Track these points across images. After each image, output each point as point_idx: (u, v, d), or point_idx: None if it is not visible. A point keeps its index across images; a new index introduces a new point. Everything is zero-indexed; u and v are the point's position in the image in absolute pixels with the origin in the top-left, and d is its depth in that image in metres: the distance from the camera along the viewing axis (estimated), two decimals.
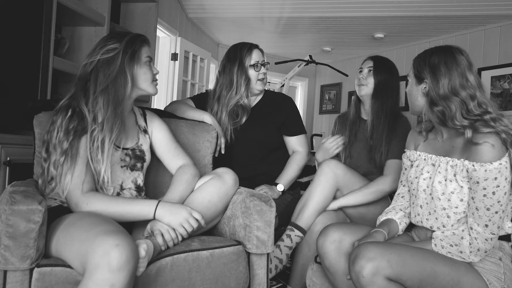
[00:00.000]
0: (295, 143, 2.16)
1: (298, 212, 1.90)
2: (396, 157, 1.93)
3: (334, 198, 1.93)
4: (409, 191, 1.57)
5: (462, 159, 1.32)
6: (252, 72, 2.07)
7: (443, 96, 1.34)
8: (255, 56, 2.09)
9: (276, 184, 2.05)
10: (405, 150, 1.61)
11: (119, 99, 1.45)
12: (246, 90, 2.07)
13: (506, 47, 3.88)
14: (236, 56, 2.09)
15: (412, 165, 1.53)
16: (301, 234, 1.87)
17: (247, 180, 1.89)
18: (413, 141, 1.58)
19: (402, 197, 1.59)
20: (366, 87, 2.05)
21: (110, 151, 1.40)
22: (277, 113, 2.13)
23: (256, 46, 2.13)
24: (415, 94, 1.44)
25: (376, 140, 2.00)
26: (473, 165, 1.28)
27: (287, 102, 2.19)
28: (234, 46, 2.14)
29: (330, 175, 1.88)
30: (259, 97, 2.19)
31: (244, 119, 2.09)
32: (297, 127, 2.18)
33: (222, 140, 1.95)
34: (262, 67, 2.10)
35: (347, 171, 1.90)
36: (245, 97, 2.08)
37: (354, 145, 2.12)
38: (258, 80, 2.09)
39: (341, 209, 1.94)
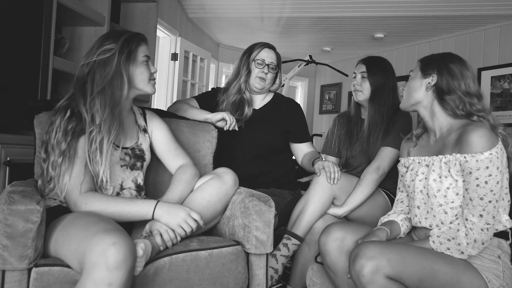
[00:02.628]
0: (306, 147, 2.16)
1: (295, 220, 1.90)
2: (388, 144, 1.96)
3: (333, 204, 1.93)
4: (407, 195, 1.59)
5: (454, 154, 1.37)
6: (253, 67, 2.08)
7: (457, 87, 1.42)
8: (263, 54, 2.08)
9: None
10: (399, 159, 1.64)
11: (116, 100, 1.44)
12: (246, 82, 2.08)
13: (506, 47, 3.88)
14: (249, 49, 2.12)
15: (407, 171, 1.56)
16: (298, 242, 1.87)
17: (247, 180, 1.89)
18: (406, 149, 1.63)
19: (401, 202, 1.62)
20: (362, 93, 2.05)
21: (109, 152, 1.40)
22: (285, 118, 2.13)
23: (271, 47, 2.13)
24: (417, 88, 1.48)
25: (373, 144, 2.01)
26: (464, 157, 1.33)
27: (297, 109, 2.20)
28: (254, 43, 2.16)
29: (326, 185, 1.86)
30: (268, 99, 2.18)
31: (248, 114, 2.09)
32: (306, 134, 2.20)
33: (228, 118, 1.91)
34: (266, 67, 2.08)
35: (343, 180, 1.88)
36: (245, 89, 2.08)
37: (356, 145, 2.12)
38: (257, 77, 2.07)
39: None
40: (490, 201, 1.31)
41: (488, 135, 1.31)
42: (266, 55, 2.09)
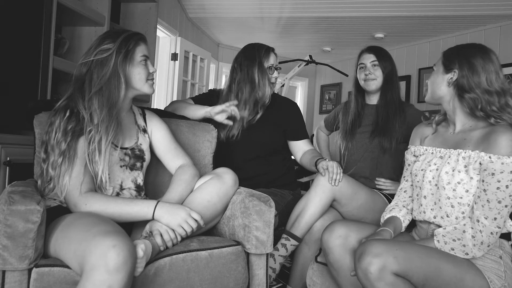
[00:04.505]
0: (305, 145, 2.17)
1: (294, 220, 1.90)
2: None
3: (332, 207, 1.93)
4: (411, 185, 1.58)
5: (477, 151, 1.35)
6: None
7: (477, 84, 1.38)
8: (271, 60, 2.11)
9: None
10: (409, 146, 1.63)
11: (114, 100, 1.44)
12: (270, 89, 2.09)
13: (506, 47, 3.88)
14: (254, 56, 2.09)
15: (416, 160, 1.55)
16: (296, 243, 1.87)
17: (247, 180, 1.89)
18: (419, 136, 1.61)
19: (404, 191, 1.61)
20: (376, 80, 2.09)
21: (107, 152, 1.40)
22: (283, 118, 2.14)
23: (273, 50, 2.14)
24: (439, 83, 1.47)
25: (387, 129, 2.03)
26: (489, 157, 1.31)
27: (294, 107, 2.22)
28: (251, 45, 2.15)
29: (327, 187, 1.86)
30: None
31: (258, 116, 2.09)
32: (304, 131, 2.20)
33: (229, 109, 1.91)
34: (275, 71, 2.12)
35: (344, 182, 1.88)
36: (268, 97, 2.09)
37: (358, 130, 2.14)
38: (269, 82, 2.09)
39: (339, 213, 1.95)
40: (506, 206, 1.30)
41: None
42: (274, 59, 2.12)
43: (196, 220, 1.37)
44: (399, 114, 2.05)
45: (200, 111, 1.97)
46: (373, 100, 2.16)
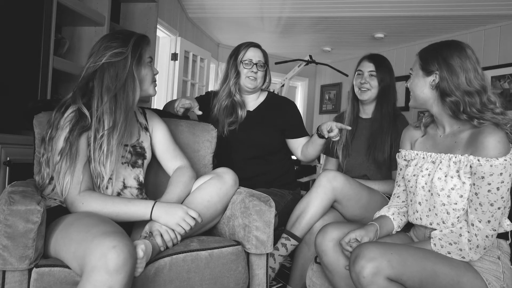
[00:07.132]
0: (304, 141, 2.16)
1: (295, 220, 1.89)
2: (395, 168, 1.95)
3: (332, 207, 1.93)
4: (404, 190, 1.57)
5: (466, 155, 1.32)
6: (241, 68, 2.09)
7: (457, 86, 1.34)
8: (249, 54, 2.09)
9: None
10: (399, 150, 1.60)
11: (130, 104, 1.44)
12: (236, 84, 2.09)
13: (506, 47, 3.88)
14: (235, 51, 2.14)
15: (407, 164, 1.53)
16: (296, 243, 1.87)
17: (246, 180, 1.89)
18: (408, 139, 1.58)
19: (397, 197, 1.60)
20: (370, 91, 2.06)
21: (119, 154, 1.40)
22: (280, 117, 2.14)
23: (256, 45, 2.14)
24: (421, 86, 1.42)
25: (381, 141, 2.01)
26: (478, 160, 1.28)
27: (291, 106, 2.21)
28: (238, 44, 2.17)
29: (328, 188, 1.86)
30: (261, 99, 2.19)
31: (242, 116, 2.09)
32: (303, 129, 2.20)
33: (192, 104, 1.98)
34: (255, 66, 2.08)
35: (345, 183, 1.87)
36: (236, 92, 2.09)
37: (352, 144, 2.13)
38: (247, 77, 2.08)
39: (340, 213, 1.95)
40: (499, 208, 1.29)
41: (505, 140, 1.27)
42: (253, 54, 2.10)
43: (194, 218, 1.37)
44: (392, 128, 2.03)
45: (174, 104, 2.00)
46: (367, 112, 2.14)
